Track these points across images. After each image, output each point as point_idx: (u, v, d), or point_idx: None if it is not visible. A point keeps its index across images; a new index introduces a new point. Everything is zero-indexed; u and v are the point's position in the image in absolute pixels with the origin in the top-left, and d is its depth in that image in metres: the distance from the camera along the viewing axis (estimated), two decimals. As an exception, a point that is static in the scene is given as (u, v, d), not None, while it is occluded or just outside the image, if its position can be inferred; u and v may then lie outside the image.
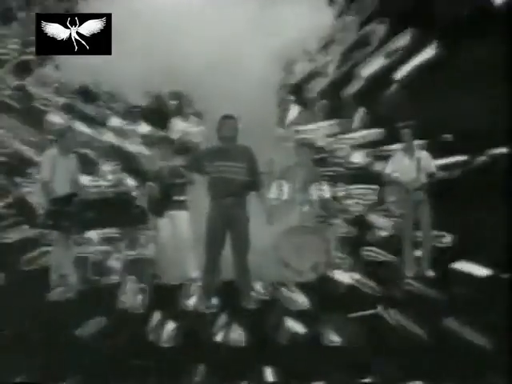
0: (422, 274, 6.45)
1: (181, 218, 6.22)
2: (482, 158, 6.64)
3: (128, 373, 4.06)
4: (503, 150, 6.91)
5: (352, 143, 7.78)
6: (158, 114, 7.56)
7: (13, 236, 7.25)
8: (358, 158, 7.71)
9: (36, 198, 6.49)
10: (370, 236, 7.43)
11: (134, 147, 7.70)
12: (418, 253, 6.59)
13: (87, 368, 4.10)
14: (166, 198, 6.21)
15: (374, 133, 7.70)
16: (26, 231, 7.19)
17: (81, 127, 7.59)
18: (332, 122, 7.73)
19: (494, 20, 7.24)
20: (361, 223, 7.48)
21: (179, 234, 6.20)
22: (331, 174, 7.40)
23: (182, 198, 6.23)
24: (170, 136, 6.53)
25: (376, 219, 7.51)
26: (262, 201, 5.54)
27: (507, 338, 4.37)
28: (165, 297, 5.68)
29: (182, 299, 5.58)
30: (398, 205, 6.52)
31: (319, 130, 7.69)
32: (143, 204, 6.66)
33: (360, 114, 7.76)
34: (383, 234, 7.40)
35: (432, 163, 6.56)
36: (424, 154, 6.57)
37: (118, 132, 7.75)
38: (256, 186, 5.50)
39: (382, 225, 7.43)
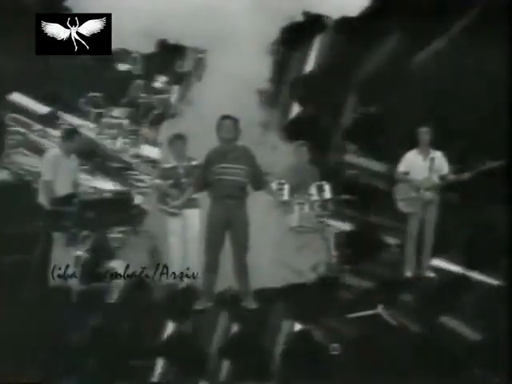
0: (423, 275, 6.45)
1: (193, 216, 6.17)
2: (493, 162, 6.58)
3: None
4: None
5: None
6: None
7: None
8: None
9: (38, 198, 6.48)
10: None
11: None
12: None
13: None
14: (178, 196, 6.16)
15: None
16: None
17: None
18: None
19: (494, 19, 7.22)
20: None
21: (190, 232, 6.16)
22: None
23: (194, 195, 6.15)
24: (183, 134, 6.44)
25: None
26: (270, 194, 5.83)
27: (507, 339, 4.39)
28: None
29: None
30: (408, 203, 6.50)
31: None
32: (146, 203, 6.65)
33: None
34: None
35: (445, 164, 6.52)
36: (438, 155, 6.52)
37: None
38: (262, 185, 5.57)
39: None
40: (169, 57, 7.72)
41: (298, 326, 4.83)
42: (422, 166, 6.48)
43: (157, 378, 4.11)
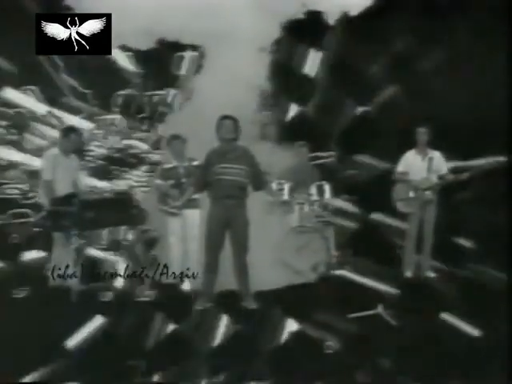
0: (422, 275, 6.45)
1: (193, 216, 6.16)
2: (492, 161, 6.58)
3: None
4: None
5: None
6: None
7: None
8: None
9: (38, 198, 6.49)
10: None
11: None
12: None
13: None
14: (178, 196, 6.15)
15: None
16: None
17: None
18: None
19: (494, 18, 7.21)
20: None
21: (190, 232, 6.16)
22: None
23: (194, 196, 6.14)
24: (180, 134, 6.45)
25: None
26: (270, 194, 5.91)
27: (507, 338, 4.38)
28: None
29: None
30: (406, 204, 6.50)
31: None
32: (147, 204, 6.65)
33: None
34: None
35: (444, 164, 6.53)
36: (437, 155, 6.52)
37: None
38: (262, 185, 5.57)
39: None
40: (167, 55, 7.71)
41: (297, 326, 4.83)
42: (421, 166, 6.49)
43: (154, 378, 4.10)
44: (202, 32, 6.59)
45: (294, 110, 7.82)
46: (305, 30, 7.35)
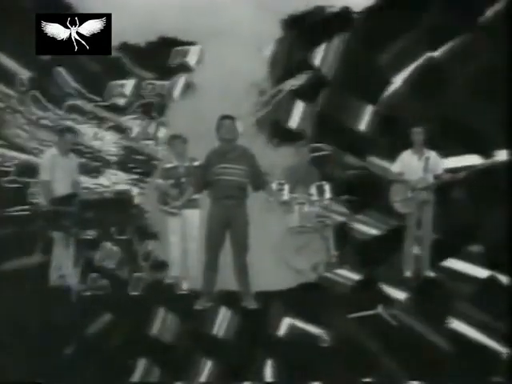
0: (422, 274, 6.45)
1: (193, 216, 6.17)
2: (488, 161, 6.57)
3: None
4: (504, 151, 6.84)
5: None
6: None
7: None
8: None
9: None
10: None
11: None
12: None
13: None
14: (178, 196, 6.15)
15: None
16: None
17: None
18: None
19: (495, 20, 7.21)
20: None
21: (189, 232, 6.17)
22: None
23: (194, 196, 6.14)
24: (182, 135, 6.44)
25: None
26: (270, 194, 5.74)
27: (507, 338, 4.39)
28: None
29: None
30: (403, 204, 6.50)
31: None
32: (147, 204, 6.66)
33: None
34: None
35: (440, 164, 6.52)
36: (433, 155, 6.52)
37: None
38: (262, 185, 5.56)
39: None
40: (165, 52, 7.68)
41: (297, 326, 4.83)
42: (417, 165, 6.48)
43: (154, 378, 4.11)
44: (202, 29, 6.59)
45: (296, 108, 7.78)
46: (306, 27, 7.34)
